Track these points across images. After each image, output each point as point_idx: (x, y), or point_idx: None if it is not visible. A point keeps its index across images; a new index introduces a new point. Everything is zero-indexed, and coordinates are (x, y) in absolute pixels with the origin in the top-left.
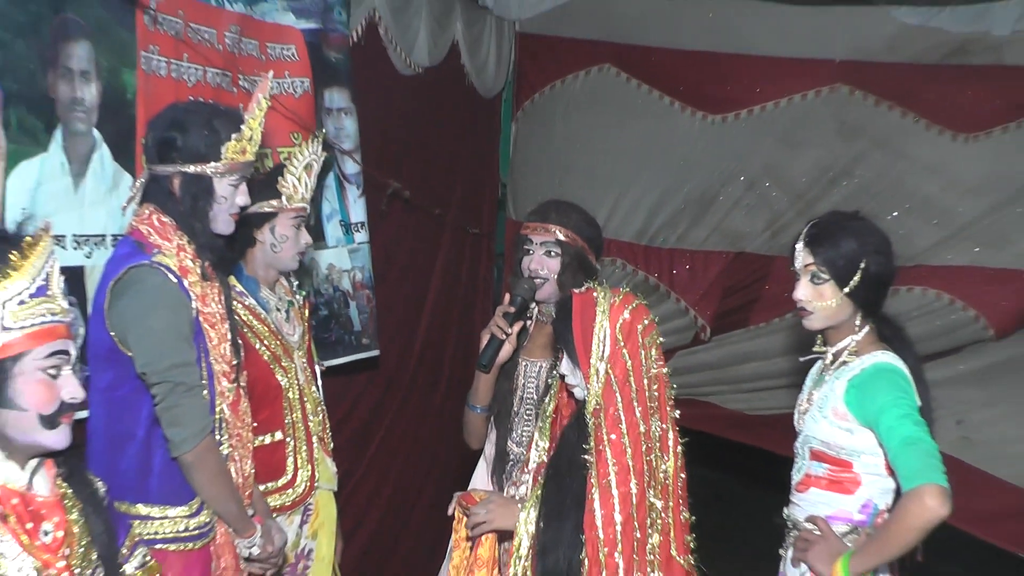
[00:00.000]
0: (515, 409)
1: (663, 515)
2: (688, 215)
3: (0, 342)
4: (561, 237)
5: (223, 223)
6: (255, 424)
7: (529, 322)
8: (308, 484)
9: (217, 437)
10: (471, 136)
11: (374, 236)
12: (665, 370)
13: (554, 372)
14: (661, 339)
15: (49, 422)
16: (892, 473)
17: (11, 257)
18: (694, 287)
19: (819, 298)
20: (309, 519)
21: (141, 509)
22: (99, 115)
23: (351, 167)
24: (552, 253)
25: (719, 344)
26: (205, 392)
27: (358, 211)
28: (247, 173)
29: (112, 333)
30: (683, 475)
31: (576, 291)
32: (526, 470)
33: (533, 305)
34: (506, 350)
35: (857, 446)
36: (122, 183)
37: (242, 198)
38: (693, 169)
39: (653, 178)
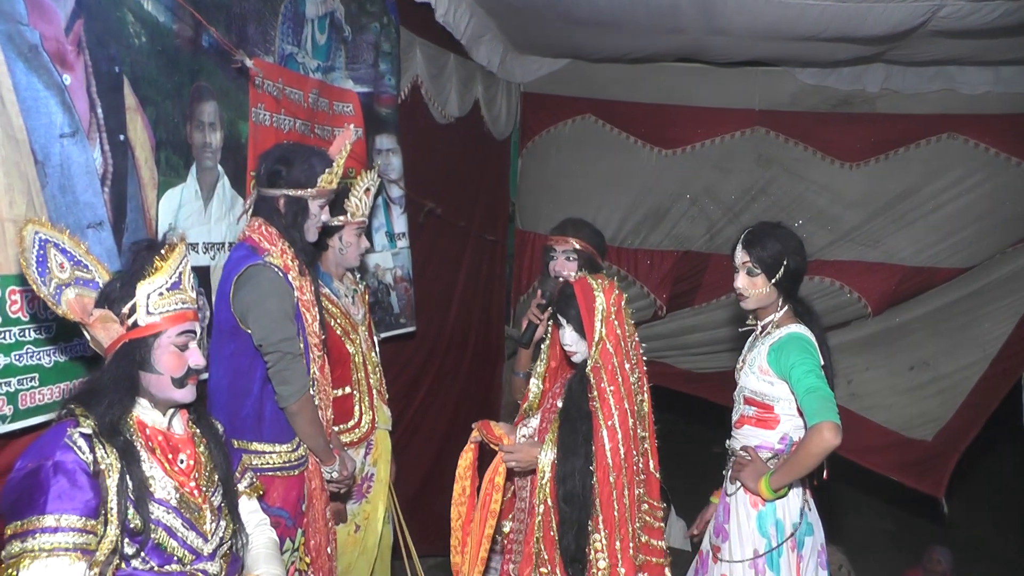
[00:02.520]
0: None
1: (645, 442)
2: (648, 224)
3: (145, 323)
4: (577, 246)
5: (312, 233)
6: (345, 391)
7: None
8: (370, 425)
9: (311, 392)
10: (488, 168)
11: (414, 243)
12: (637, 334)
13: (544, 339)
14: (630, 310)
15: (179, 383)
16: (802, 414)
17: (156, 260)
18: (652, 277)
19: (753, 287)
20: (370, 451)
21: (256, 446)
22: (222, 154)
23: (396, 192)
24: (570, 258)
25: (671, 319)
26: (303, 358)
27: (400, 224)
28: (331, 198)
29: (236, 314)
30: (650, 407)
31: (574, 279)
32: (526, 407)
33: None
34: (539, 331)
35: (776, 394)
36: (237, 204)
37: (326, 215)
38: (651, 189)
39: (622, 197)
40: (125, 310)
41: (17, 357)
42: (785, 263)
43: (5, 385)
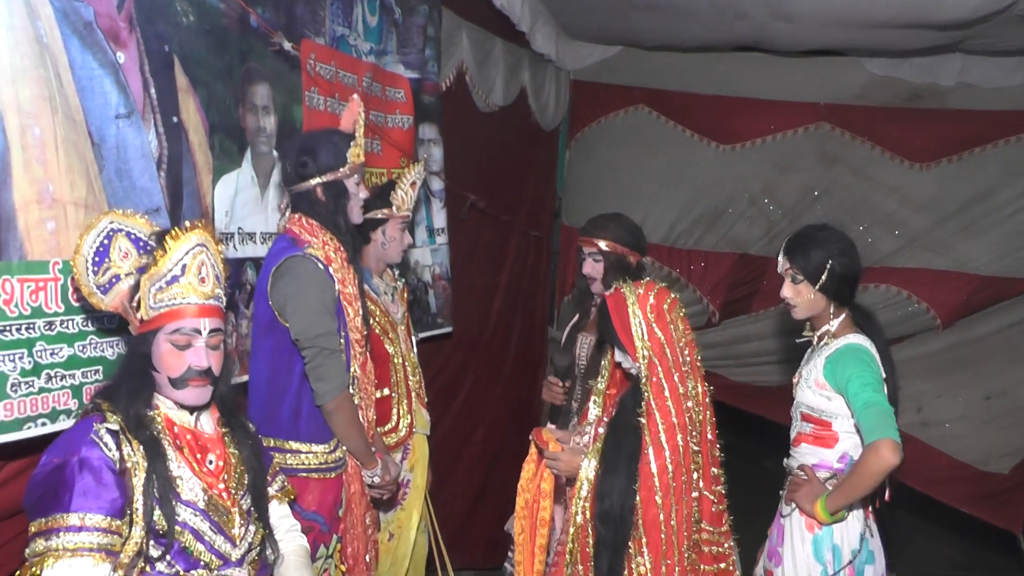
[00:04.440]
0: (575, 373)
1: (700, 456)
2: (703, 224)
3: (147, 317)
4: (602, 247)
5: (357, 214)
6: (376, 382)
7: (594, 309)
8: (408, 429)
9: (351, 391)
10: (534, 160)
11: (454, 239)
12: (692, 335)
13: (603, 354)
14: (684, 311)
15: (178, 384)
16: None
17: (157, 252)
18: (706, 280)
19: (797, 295)
20: (408, 456)
21: (292, 445)
22: (276, 139)
23: (437, 185)
24: (596, 259)
25: (726, 327)
26: (343, 355)
27: (440, 219)
28: (363, 173)
29: (273, 308)
30: (713, 419)
31: (607, 293)
32: (584, 424)
33: (592, 297)
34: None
35: (834, 410)
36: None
37: (364, 192)
38: (708, 187)
39: (676, 194)
40: (134, 303)
41: (81, 348)
42: (829, 267)
43: (69, 378)
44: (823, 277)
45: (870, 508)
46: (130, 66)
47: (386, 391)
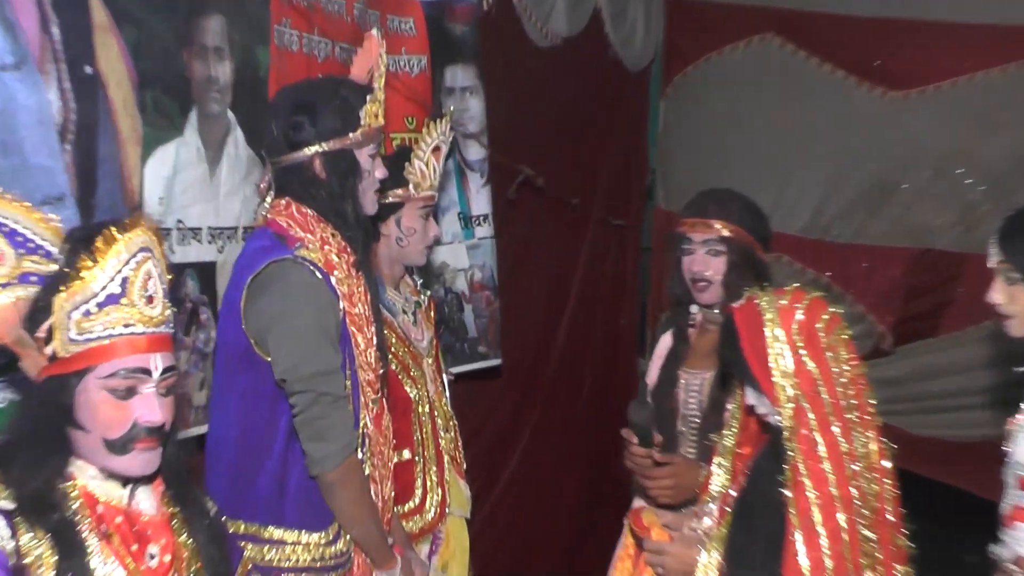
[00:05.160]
0: (679, 429)
1: (876, 547)
2: (865, 205)
3: (66, 354)
4: (725, 233)
5: (370, 201)
6: (393, 441)
7: (691, 329)
8: (438, 510)
9: (359, 455)
10: (615, 115)
11: (501, 230)
12: (861, 369)
13: (729, 400)
14: (848, 332)
15: (117, 447)
16: None
17: (82, 260)
18: (872, 288)
19: (1014, 301)
20: (439, 549)
21: (275, 533)
22: (233, 95)
23: (474, 152)
24: (716, 252)
25: (903, 355)
26: (349, 404)
27: (481, 202)
28: (381, 140)
29: (249, 334)
30: (896, 492)
31: (734, 306)
32: (706, 498)
33: (695, 309)
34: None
35: None
36: (255, 171)
37: (380, 171)
38: (870, 152)
39: (824, 163)
40: (42, 332)
41: None
42: None
43: None
44: None
45: None
46: None
47: (407, 454)
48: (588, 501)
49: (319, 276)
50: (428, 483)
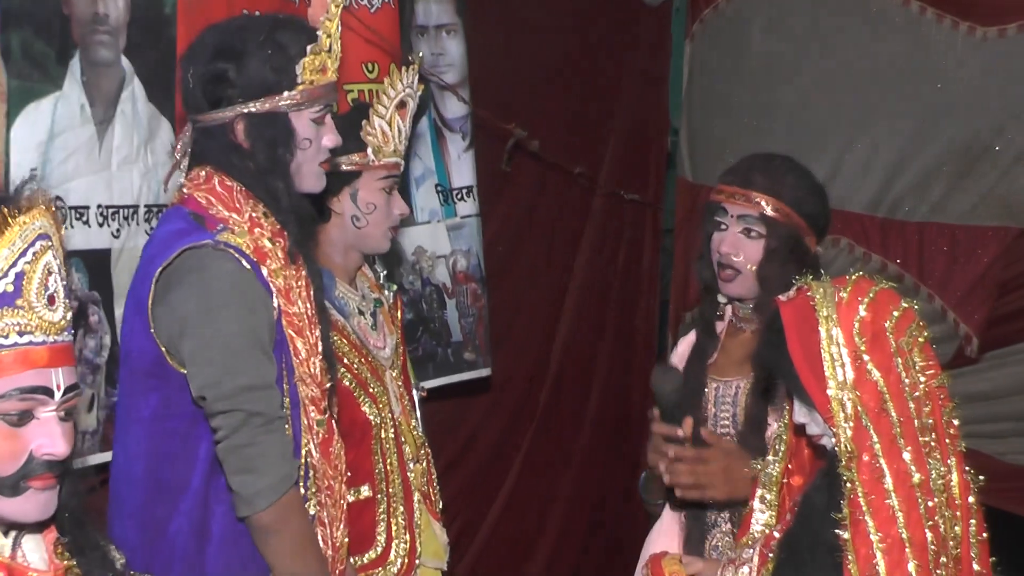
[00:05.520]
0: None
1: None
2: (946, 176)
3: None
4: (769, 211)
5: (311, 177)
6: (348, 474)
7: (719, 326)
8: (406, 560)
9: (302, 491)
10: (629, 62)
11: (488, 207)
12: (940, 379)
13: (774, 417)
14: (926, 334)
15: (7, 487)
16: None
17: None
18: (955, 280)
19: None
20: None
21: None
22: (128, 37)
23: (454, 109)
24: (753, 233)
25: (994, 363)
26: (288, 427)
27: (463, 171)
28: (331, 100)
29: (159, 340)
30: (983, 535)
31: (782, 298)
32: (745, 540)
33: (724, 301)
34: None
35: None
36: (159, 133)
37: (330, 137)
38: (954, 108)
39: (894, 121)
40: None
41: None
42: None
43: None
44: None
45: None
46: None
47: (366, 491)
48: (593, 547)
49: (247, 266)
50: (393, 527)
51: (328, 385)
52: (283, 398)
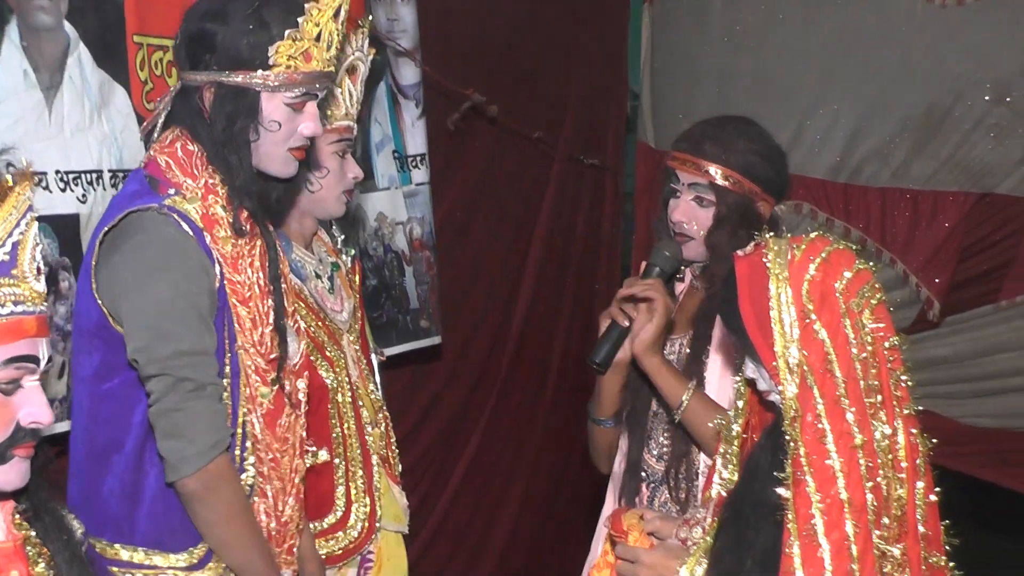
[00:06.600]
0: (654, 409)
1: (902, 567)
2: (908, 141)
3: None
4: (719, 179)
5: (277, 160)
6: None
7: (679, 287)
8: (366, 524)
9: (237, 459)
10: (587, 26)
11: (442, 173)
12: (892, 340)
13: (737, 377)
14: (880, 296)
15: None
16: None
17: None
18: (917, 245)
19: None
20: (369, 573)
21: (122, 552)
22: (70, 2)
23: (409, 75)
24: (704, 201)
25: (955, 328)
26: (223, 393)
27: (418, 138)
28: (316, 89)
29: (101, 302)
30: (932, 498)
31: (740, 253)
32: (707, 495)
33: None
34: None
35: None
36: (113, 99)
37: (309, 126)
38: (915, 74)
39: (856, 88)
40: None
41: None
42: None
43: None
44: None
45: None
46: None
47: (323, 455)
48: (554, 510)
49: (188, 232)
50: (353, 491)
51: (275, 356)
52: (224, 366)
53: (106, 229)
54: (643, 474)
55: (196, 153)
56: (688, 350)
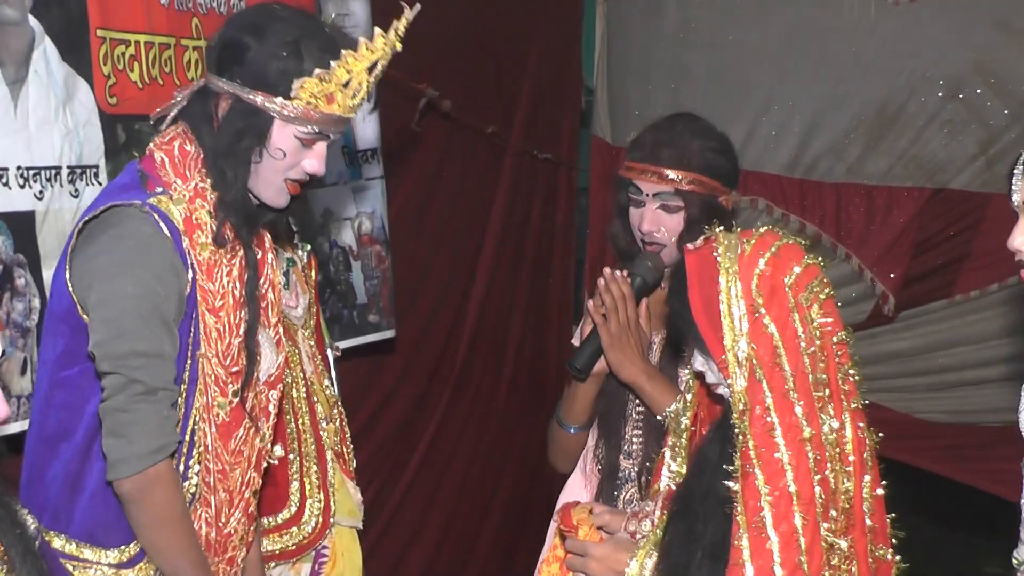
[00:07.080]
0: (628, 411)
1: (849, 560)
2: (862, 137)
3: None
4: (684, 185)
5: (272, 188)
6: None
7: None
8: (320, 520)
9: (180, 467)
10: (540, 20)
11: (395, 167)
12: (840, 335)
13: (686, 370)
14: (828, 291)
15: None
16: None
17: None
18: (872, 240)
19: None
20: (323, 568)
21: (55, 541)
22: None
23: None
24: (671, 208)
25: (910, 323)
26: (176, 400)
27: (368, 133)
28: (331, 131)
29: (73, 289)
30: (879, 492)
31: (690, 247)
32: (655, 489)
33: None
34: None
35: None
36: (77, 94)
37: (314, 163)
38: (869, 70)
39: (810, 84)
40: None
41: None
42: None
43: None
44: None
45: None
46: None
47: (278, 451)
48: (512, 506)
49: (166, 233)
50: (307, 486)
51: (237, 368)
52: (184, 372)
53: (87, 218)
54: (620, 474)
55: (193, 154)
56: (661, 350)
